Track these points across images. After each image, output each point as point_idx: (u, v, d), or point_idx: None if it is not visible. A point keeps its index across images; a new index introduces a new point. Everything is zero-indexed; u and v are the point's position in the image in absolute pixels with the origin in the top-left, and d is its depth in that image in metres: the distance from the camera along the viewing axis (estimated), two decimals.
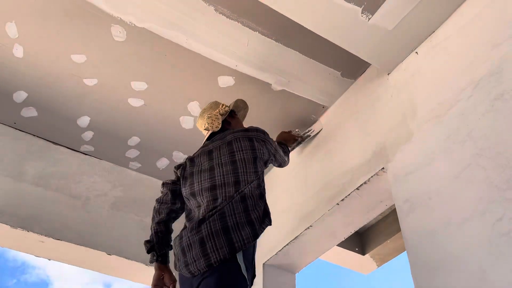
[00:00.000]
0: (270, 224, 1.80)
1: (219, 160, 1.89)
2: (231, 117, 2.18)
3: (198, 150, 2.05)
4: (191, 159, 2.01)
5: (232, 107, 2.19)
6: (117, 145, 2.82)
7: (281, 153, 2.21)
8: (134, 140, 2.80)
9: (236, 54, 2.31)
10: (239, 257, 1.63)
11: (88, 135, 2.76)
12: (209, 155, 1.94)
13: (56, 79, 2.45)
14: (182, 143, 2.81)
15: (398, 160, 1.89)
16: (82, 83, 2.46)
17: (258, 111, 2.61)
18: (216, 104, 2.18)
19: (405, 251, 3.48)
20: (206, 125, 2.07)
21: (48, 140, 2.78)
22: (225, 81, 2.46)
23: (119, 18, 2.17)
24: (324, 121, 2.59)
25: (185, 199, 1.95)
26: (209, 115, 2.09)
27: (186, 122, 2.68)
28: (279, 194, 2.75)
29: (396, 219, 3.32)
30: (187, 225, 1.83)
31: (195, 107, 2.60)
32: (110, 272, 2.79)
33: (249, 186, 1.80)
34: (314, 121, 2.66)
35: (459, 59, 1.79)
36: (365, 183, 2.05)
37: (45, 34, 2.24)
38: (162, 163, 2.94)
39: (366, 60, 2.17)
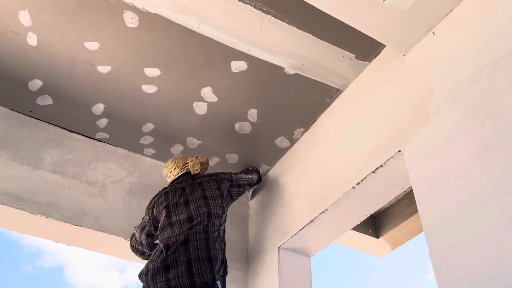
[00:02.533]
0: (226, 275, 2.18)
1: (193, 196, 2.32)
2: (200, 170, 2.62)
3: (168, 187, 2.46)
4: (165, 193, 2.40)
5: (203, 164, 2.64)
6: (131, 132, 2.84)
7: (244, 175, 2.76)
8: (148, 127, 2.81)
9: (249, 38, 2.29)
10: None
11: (103, 122, 2.78)
12: (183, 190, 2.36)
13: (70, 67, 2.46)
14: (196, 129, 2.82)
15: (415, 142, 1.87)
16: (95, 70, 2.47)
17: (271, 96, 2.60)
18: (184, 156, 2.63)
19: (419, 234, 3.50)
20: (189, 167, 2.52)
21: (63, 128, 2.81)
22: (238, 65, 2.44)
23: (131, 4, 2.17)
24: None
25: (159, 229, 2.26)
26: (190, 160, 2.56)
27: (200, 108, 2.68)
28: (294, 178, 2.76)
29: (410, 202, 3.32)
30: (163, 247, 2.15)
31: (208, 93, 2.59)
32: (127, 257, 2.82)
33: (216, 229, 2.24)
34: (328, 105, 2.64)
35: (477, 38, 1.75)
36: (381, 166, 2.04)
37: (58, 21, 2.24)
38: (177, 149, 2.95)
39: (381, 42, 2.14)
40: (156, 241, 2.26)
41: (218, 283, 2.07)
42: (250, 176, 2.82)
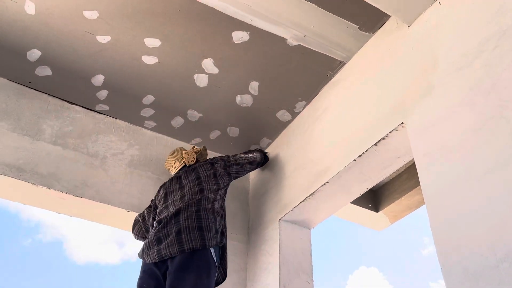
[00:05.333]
0: (221, 244, 2.19)
1: (187, 180, 2.40)
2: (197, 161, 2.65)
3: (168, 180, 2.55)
4: (163, 185, 2.52)
5: (200, 153, 2.69)
6: (132, 104, 2.82)
7: (243, 155, 2.77)
8: (148, 99, 2.79)
9: (251, 7, 2.25)
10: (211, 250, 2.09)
11: (103, 94, 2.75)
12: (179, 179, 2.44)
13: (69, 37, 2.42)
14: (197, 102, 2.80)
15: (418, 114, 1.86)
16: (95, 41, 2.43)
17: (273, 67, 2.57)
18: (182, 148, 2.71)
19: (418, 208, 3.51)
20: (184, 159, 2.58)
21: (63, 100, 2.78)
22: (240, 36, 2.40)
23: None
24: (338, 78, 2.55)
25: (158, 214, 2.32)
26: (185, 152, 2.63)
27: (200, 80, 2.65)
28: (295, 151, 2.75)
29: (409, 177, 3.33)
30: (156, 222, 2.23)
31: (209, 64, 2.56)
32: (128, 228, 2.84)
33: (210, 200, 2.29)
34: (330, 78, 2.61)
35: (485, 7, 1.72)
36: (383, 138, 2.03)
37: None
38: (177, 122, 2.94)
39: (385, 12, 2.09)
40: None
41: (212, 250, 2.08)
42: (251, 155, 2.79)
